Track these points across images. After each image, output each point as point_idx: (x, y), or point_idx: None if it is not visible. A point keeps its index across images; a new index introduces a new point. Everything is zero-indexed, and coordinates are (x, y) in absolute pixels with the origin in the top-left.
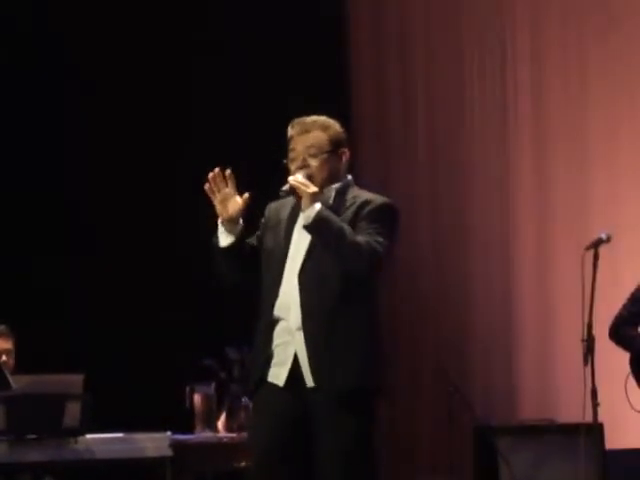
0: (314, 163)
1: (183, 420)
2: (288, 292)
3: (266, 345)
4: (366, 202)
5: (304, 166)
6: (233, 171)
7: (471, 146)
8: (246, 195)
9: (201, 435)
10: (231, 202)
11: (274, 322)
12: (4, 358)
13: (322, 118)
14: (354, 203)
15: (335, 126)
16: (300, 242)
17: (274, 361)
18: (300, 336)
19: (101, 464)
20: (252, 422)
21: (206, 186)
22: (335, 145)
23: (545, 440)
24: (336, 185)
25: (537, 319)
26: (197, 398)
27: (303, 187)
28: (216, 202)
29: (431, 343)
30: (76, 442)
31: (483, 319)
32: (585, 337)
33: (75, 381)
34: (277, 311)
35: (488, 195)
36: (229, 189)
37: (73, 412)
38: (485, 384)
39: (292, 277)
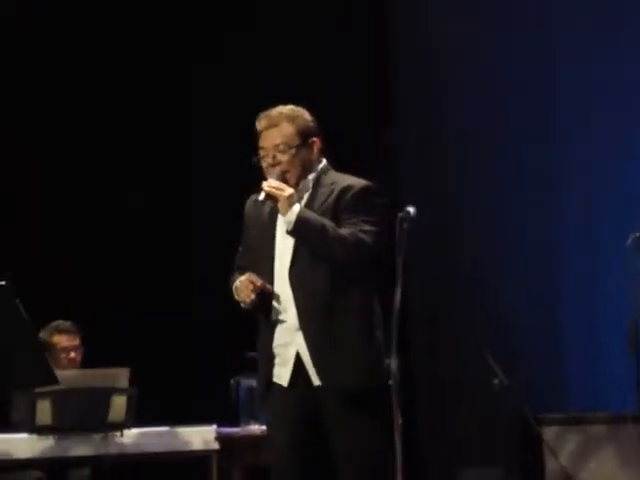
0: (285, 159)
1: (228, 413)
2: (282, 292)
3: (268, 346)
4: (346, 188)
5: (275, 163)
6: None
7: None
8: (258, 283)
9: (247, 428)
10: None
11: (274, 323)
12: (72, 355)
13: (288, 108)
14: (333, 190)
15: (303, 115)
16: (285, 241)
17: (277, 361)
18: (300, 336)
19: (147, 458)
20: (268, 424)
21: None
22: (304, 136)
23: (592, 430)
24: (312, 175)
25: (583, 308)
26: (242, 391)
27: (278, 192)
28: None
29: (476, 335)
30: (122, 436)
31: (528, 310)
32: (631, 327)
33: (121, 375)
34: (275, 311)
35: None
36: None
37: (119, 406)
38: (531, 375)
39: (283, 276)
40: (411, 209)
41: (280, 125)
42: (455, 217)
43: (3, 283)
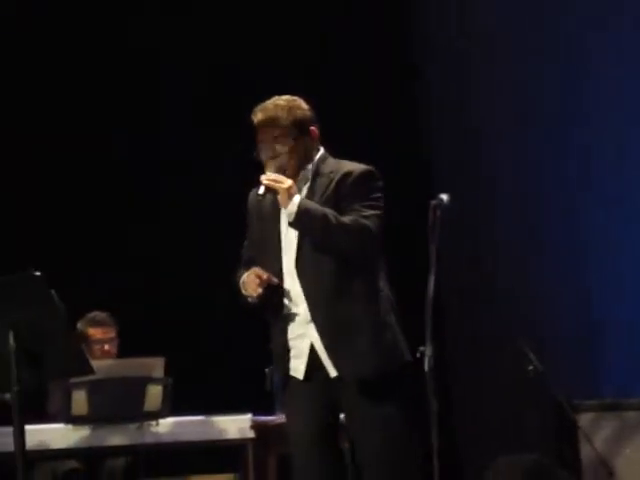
0: (283, 150)
1: (263, 402)
2: (291, 285)
3: (282, 339)
4: (345, 175)
5: (274, 156)
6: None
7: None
8: (264, 276)
9: (282, 416)
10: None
11: (286, 316)
12: (106, 347)
13: (283, 99)
14: (333, 179)
15: (299, 105)
16: (289, 234)
17: (292, 354)
18: (313, 328)
19: (183, 447)
20: (286, 417)
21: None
22: (301, 126)
23: (627, 416)
24: (311, 165)
25: (618, 293)
26: (277, 379)
27: (277, 184)
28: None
29: (509, 322)
30: (158, 425)
31: (562, 295)
32: None
33: (156, 364)
34: (287, 305)
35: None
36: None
37: (154, 395)
38: (565, 361)
39: (291, 270)
40: (444, 196)
41: (277, 117)
42: (488, 205)
43: (38, 273)
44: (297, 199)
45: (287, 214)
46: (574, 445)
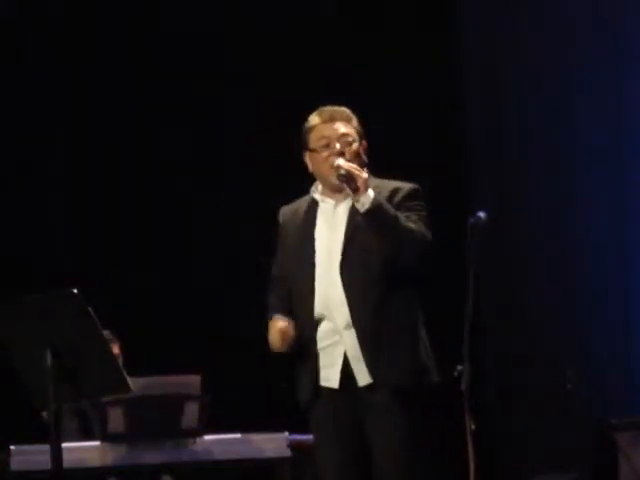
0: (347, 149)
1: (300, 420)
2: (329, 292)
3: (312, 349)
4: (396, 189)
5: (341, 153)
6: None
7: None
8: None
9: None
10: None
11: (316, 324)
12: None
13: (346, 109)
14: (380, 193)
15: (356, 119)
16: (330, 240)
17: (322, 363)
18: (349, 335)
19: (220, 465)
20: (317, 435)
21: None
22: (360, 135)
23: None
24: None
25: None
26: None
27: (358, 172)
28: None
29: (548, 340)
30: (195, 443)
31: (600, 314)
32: None
33: (193, 382)
34: (319, 313)
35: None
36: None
37: (191, 413)
38: (604, 379)
39: (331, 276)
40: (482, 214)
41: (344, 119)
42: (526, 223)
43: (75, 291)
44: (372, 192)
45: (361, 204)
46: (613, 464)
